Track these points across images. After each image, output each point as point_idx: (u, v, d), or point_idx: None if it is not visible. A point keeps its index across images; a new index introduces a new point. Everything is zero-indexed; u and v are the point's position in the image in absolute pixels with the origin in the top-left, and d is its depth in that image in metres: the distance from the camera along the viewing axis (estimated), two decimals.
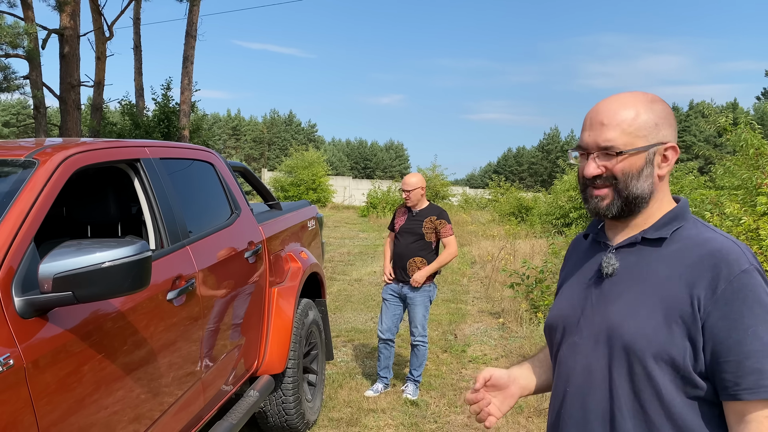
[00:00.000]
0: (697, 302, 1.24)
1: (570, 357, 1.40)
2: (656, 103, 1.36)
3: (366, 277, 10.41)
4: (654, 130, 1.34)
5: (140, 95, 20.33)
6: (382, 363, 4.95)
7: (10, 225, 1.93)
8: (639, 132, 1.33)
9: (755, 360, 1.19)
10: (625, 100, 1.36)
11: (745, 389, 1.20)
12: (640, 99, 1.36)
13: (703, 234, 1.32)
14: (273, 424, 3.88)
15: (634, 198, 1.35)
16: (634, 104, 1.34)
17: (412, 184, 4.74)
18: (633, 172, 1.33)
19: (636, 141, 1.33)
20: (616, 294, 1.36)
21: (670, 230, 1.34)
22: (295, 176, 29.12)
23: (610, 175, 1.35)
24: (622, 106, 1.34)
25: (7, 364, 1.69)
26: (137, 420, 2.31)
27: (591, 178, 1.37)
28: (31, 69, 15.17)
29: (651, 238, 1.35)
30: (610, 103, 1.36)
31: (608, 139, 1.33)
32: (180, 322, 2.63)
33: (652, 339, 1.27)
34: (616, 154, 1.33)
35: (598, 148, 1.35)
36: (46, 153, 2.28)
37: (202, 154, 3.55)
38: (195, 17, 18.14)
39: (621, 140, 1.33)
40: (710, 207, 7.35)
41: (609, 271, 1.37)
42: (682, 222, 1.35)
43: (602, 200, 1.37)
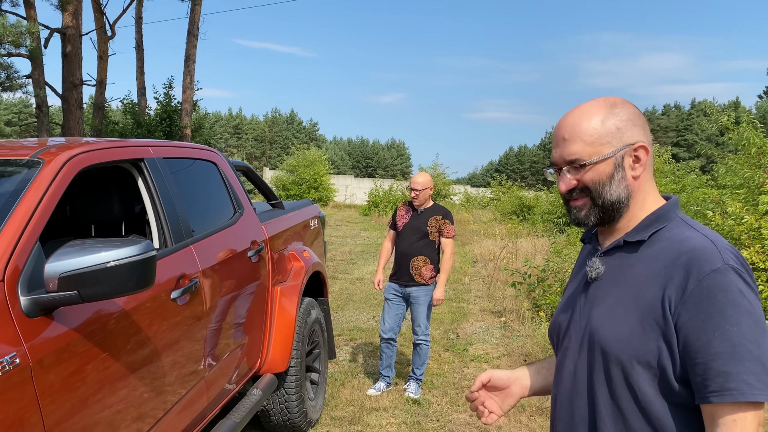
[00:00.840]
0: (668, 303, 1.23)
1: (561, 361, 1.42)
2: (617, 106, 1.36)
3: (368, 276, 10.42)
4: (617, 135, 1.33)
5: (142, 94, 20.35)
6: (384, 362, 4.96)
7: (15, 224, 1.94)
8: (601, 140, 1.33)
9: (721, 362, 1.17)
10: (584, 111, 1.36)
11: (712, 392, 1.18)
12: (600, 105, 1.36)
13: (683, 234, 1.31)
14: (276, 423, 3.89)
15: (610, 204, 1.35)
16: (593, 113, 1.35)
17: (422, 183, 4.76)
18: (603, 180, 1.34)
19: (600, 149, 1.33)
20: (599, 298, 1.37)
21: (649, 232, 1.33)
22: (296, 175, 29.12)
23: (582, 186, 1.36)
24: (581, 118, 1.35)
25: (13, 362, 1.70)
26: (141, 419, 2.32)
27: (567, 192, 1.38)
28: (34, 68, 15.20)
29: (631, 241, 1.35)
30: (571, 117, 1.37)
31: (572, 152, 1.34)
32: (183, 321, 2.64)
33: (627, 343, 1.26)
34: (581, 166, 1.34)
35: (566, 163, 1.36)
36: (51, 153, 2.29)
37: (205, 154, 3.56)
38: (197, 16, 18.15)
39: (585, 152, 1.33)
40: (712, 206, 7.35)
41: (593, 275, 1.39)
42: (665, 222, 1.34)
43: (580, 210, 1.38)
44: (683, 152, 58.16)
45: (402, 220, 4.86)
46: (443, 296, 4.83)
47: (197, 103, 19.08)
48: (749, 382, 1.16)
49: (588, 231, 1.52)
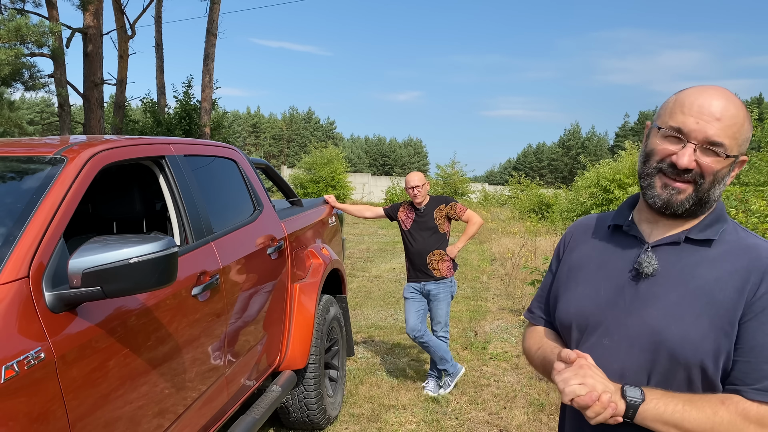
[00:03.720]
0: (741, 307, 1.21)
1: (598, 359, 1.32)
2: (748, 116, 1.30)
3: (385, 273, 10.42)
4: (745, 142, 1.28)
5: (162, 93, 20.52)
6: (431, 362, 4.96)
7: (40, 221, 1.96)
8: (740, 140, 1.26)
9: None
10: (734, 101, 1.26)
11: (757, 390, 1.18)
12: (743, 105, 1.28)
13: (747, 240, 1.29)
14: (295, 419, 3.91)
15: (707, 201, 1.28)
16: (741, 108, 1.27)
17: (420, 179, 4.75)
18: (721, 176, 1.27)
19: (734, 148, 1.25)
20: (655, 296, 1.29)
21: (717, 232, 1.29)
22: (314, 173, 29.19)
23: (698, 173, 1.25)
24: (734, 106, 1.25)
25: (38, 357, 1.72)
26: (162, 415, 2.34)
27: (679, 170, 1.26)
28: (56, 68, 15.39)
29: (697, 238, 1.29)
30: (722, 98, 1.25)
31: (720, 135, 1.23)
32: (204, 317, 2.65)
33: (698, 346, 1.23)
34: (724, 156, 1.24)
35: (704, 141, 1.24)
36: (74, 150, 2.31)
37: (225, 151, 3.58)
38: (216, 15, 18.26)
39: (731, 142, 1.24)
40: (735, 203, 7.25)
41: (649, 270, 1.30)
42: (725, 224, 1.31)
43: (679, 193, 1.27)
44: None
45: (407, 221, 4.84)
46: (455, 253, 4.78)
47: (216, 101, 19.21)
48: None
49: (623, 215, 1.42)
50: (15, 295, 1.76)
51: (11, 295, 1.75)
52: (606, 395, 1.23)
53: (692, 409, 1.20)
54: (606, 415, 1.22)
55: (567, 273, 1.48)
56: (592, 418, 1.24)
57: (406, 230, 4.83)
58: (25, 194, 2.09)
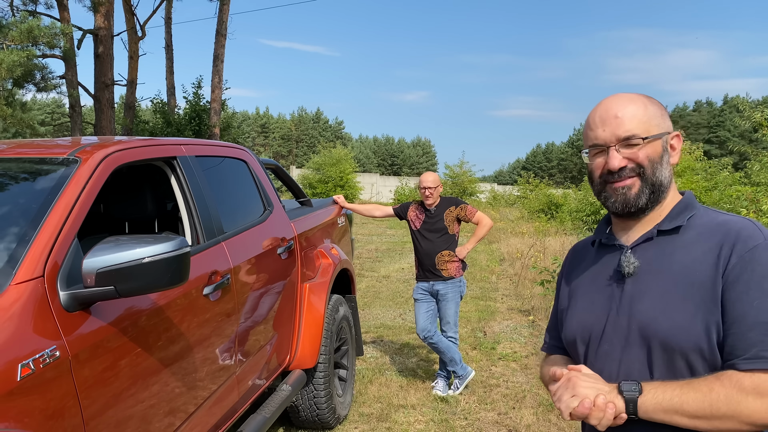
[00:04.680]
0: (721, 283, 1.24)
1: (603, 367, 1.36)
2: (651, 98, 1.41)
3: (394, 273, 10.43)
4: (662, 120, 1.38)
5: (172, 93, 20.62)
6: (440, 362, 4.96)
7: (55, 221, 1.99)
8: (652, 121, 1.36)
9: (757, 332, 1.19)
10: (629, 96, 1.39)
11: (746, 359, 1.19)
12: (638, 96, 1.40)
13: (719, 218, 1.34)
14: (305, 419, 3.93)
15: (659, 185, 1.35)
16: (636, 99, 1.39)
17: (435, 181, 4.76)
18: (656, 158, 1.35)
19: (651, 129, 1.36)
20: (640, 292, 1.33)
21: (685, 218, 1.35)
22: (322, 173, 29.26)
23: (635, 164, 1.35)
24: (628, 101, 1.38)
25: (53, 355, 1.75)
26: (173, 413, 2.36)
27: (616, 171, 1.36)
28: (67, 69, 15.50)
29: (667, 228, 1.35)
30: (616, 100, 1.39)
31: (628, 129, 1.35)
32: (215, 317, 2.68)
33: (689, 330, 1.25)
34: (642, 140, 1.34)
35: (619, 140, 1.35)
36: (87, 151, 2.34)
37: (235, 152, 3.60)
38: (225, 16, 18.34)
39: (640, 128, 1.35)
40: (746, 204, 7.21)
41: (630, 270, 1.35)
42: (693, 210, 1.37)
43: (630, 189, 1.36)
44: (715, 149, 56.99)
45: (417, 222, 4.84)
46: (464, 254, 4.79)
47: (225, 102, 19.29)
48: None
49: (600, 230, 1.50)
50: (30, 295, 1.79)
51: (27, 295, 1.78)
52: (600, 398, 1.25)
53: (690, 391, 1.21)
54: (609, 417, 1.24)
55: (567, 296, 1.55)
56: (597, 424, 1.26)
57: (416, 230, 4.84)
58: (39, 195, 2.12)
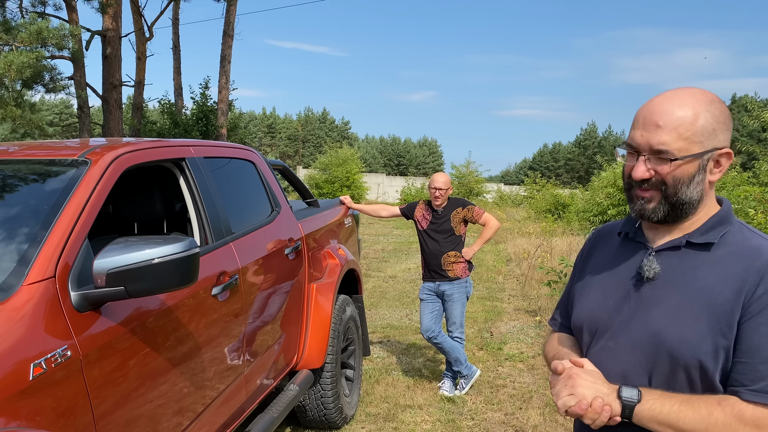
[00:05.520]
0: (740, 310, 1.21)
1: (604, 362, 1.36)
2: (715, 104, 1.28)
3: (400, 273, 10.44)
4: (711, 136, 1.26)
5: (179, 94, 20.69)
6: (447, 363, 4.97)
7: (66, 222, 2.01)
8: (695, 137, 1.25)
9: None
10: (683, 100, 1.27)
11: (752, 390, 1.18)
12: (699, 100, 1.27)
13: (752, 241, 1.28)
14: (312, 418, 3.94)
15: (681, 204, 1.29)
16: (692, 105, 1.26)
17: (445, 183, 4.76)
18: (684, 179, 1.27)
19: (691, 147, 1.26)
20: (656, 299, 1.31)
21: (718, 235, 1.29)
22: (329, 173, 29.28)
23: (659, 180, 1.28)
24: (679, 107, 1.26)
25: (65, 355, 1.77)
26: (182, 413, 2.38)
27: (638, 181, 1.30)
28: (76, 70, 15.58)
29: (697, 242, 1.30)
30: (667, 102, 1.28)
31: (663, 142, 1.26)
32: (224, 317, 2.70)
33: (698, 348, 1.23)
34: (670, 160, 1.26)
35: (651, 151, 1.28)
36: (97, 153, 2.36)
37: (243, 153, 3.62)
38: (232, 17, 18.39)
39: (676, 145, 1.25)
40: (754, 204, 7.18)
41: (650, 275, 1.32)
42: (728, 226, 1.31)
43: (648, 202, 1.31)
44: None
45: (423, 222, 4.85)
46: (471, 255, 4.79)
47: (232, 102, 19.33)
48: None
49: (630, 222, 1.45)
50: (42, 295, 1.81)
51: (39, 295, 1.80)
52: (598, 401, 1.26)
53: (688, 410, 1.21)
54: (603, 419, 1.26)
55: (584, 278, 1.52)
56: (590, 424, 1.28)
57: (422, 230, 4.85)
58: (50, 196, 2.14)
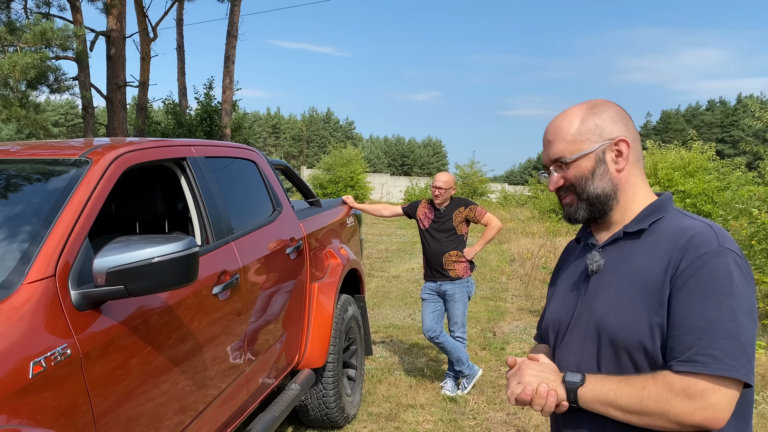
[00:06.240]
0: (669, 287, 1.27)
1: (563, 357, 1.45)
2: (597, 106, 1.43)
3: (404, 273, 10.44)
4: (596, 132, 1.40)
5: (183, 95, 20.72)
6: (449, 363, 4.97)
7: (66, 221, 2.02)
8: (581, 137, 1.41)
9: (694, 336, 1.21)
10: (566, 113, 1.45)
11: (680, 361, 1.22)
12: (580, 108, 1.44)
13: (682, 222, 1.35)
14: (314, 418, 3.95)
15: (595, 198, 1.41)
16: (573, 114, 1.43)
17: (446, 182, 4.75)
18: (585, 175, 1.41)
19: (581, 146, 1.41)
20: (601, 290, 1.40)
21: (649, 221, 1.38)
22: (333, 173, 29.32)
23: (568, 183, 1.44)
24: (562, 120, 1.44)
25: (64, 353, 1.78)
26: (183, 411, 2.39)
27: (556, 191, 1.47)
28: (80, 70, 15.63)
29: (631, 231, 1.39)
30: (555, 120, 1.46)
31: (556, 152, 1.43)
32: (224, 316, 2.70)
33: (633, 329, 1.30)
34: (565, 163, 1.42)
35: (552, 163, 1.45)
36: (98, 152, 2.37)
37: (245, 153, 3.63)
38: (236, 17, 18.40)
39: (566, 149, 1.42)
40: (758, 204, 7.16)
41: (594, 268, 1.42)
42: (663, 213, 1.39)
43: (570, 206, 1.45)
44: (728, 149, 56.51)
45: (425, 221, 4.85)
46: (472, 255, 4.80)
47: (236, 103, 19.35)
48: (718, 357, 1.19)
49: (583, 229, 1.56)
50: (42, 294, 1.82)
51: (39, 294, 1.81)
52: (543, 386, 1.36)
53: (625, 387, 1.27)
54: (550, 404, 1.34)
55: (553, 288, 1.63)
56: (539, 410, 1.36)
57: (424, 229, 4.85)
58: (51, 195, 2.15)
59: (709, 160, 14.70)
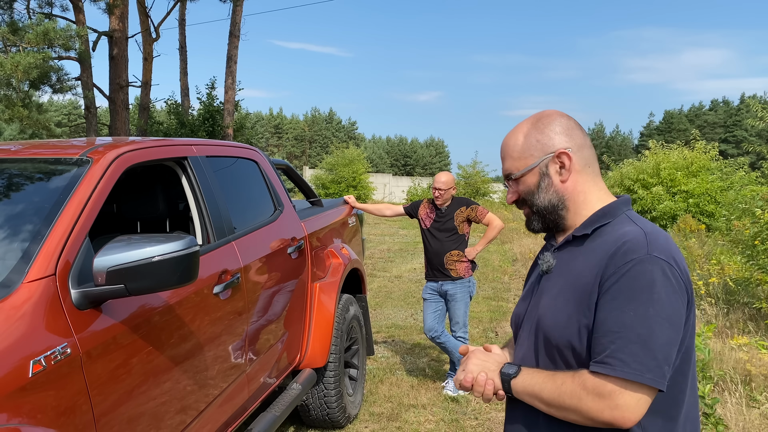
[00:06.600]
0: (597, 290, 1.32)
1: (516, 351, 1.54)
2: (541, 120, 1.49)
3: (406, 273, 10.43)
4: (538, 146, 1.46)
5: (185, 95, 20.74)
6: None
7: (66, 221, 2.01)
8: (525, 153, 1.47)
9: (608, 339, 1.26)
10: (513, 131, 1.52)
11: (594, 362, 1.28)
12: (525, 123, 1.50)
13: (623, 228, 1.38)
14: (315, 417, 3.94)
15: (544, 209, 1.48)
16: (518, 131, 1.50)
17: (446, 183, 4.74)
18: (532, 189, 1.48)
19: (526, 161, 1.47)
20: (547, 289, 1.47)
21: (593, 227, 1.42)
22: (335, 173, 29.28)
23: (521, 198, 1.51)
24: (509, 137, 1.52)
25: (64, 352, 1.77)
26: (184, 411, 2.38)
27: (513, 204, 1.55)
28: (83, 70, 15.65)
29: (578, 235, 1.45)
30: (505, 138, 1.54)
31: (506, 169, 1.51)
32: (225, 315, 2.70)
33: (565, 328, 1.36)
34: (514, 180, 1.50)
35: (507, 179, 1.53)
36: (99, 152, 2.37)
37: (246, 152, 3.63)
38: (238, 17, 18.41)
39: (514, 166, 1.49)
40: (761, 204, 7.13)
41: (544, 268, 1.50)
42: (611, 218, 1.43)
43: (528, 218, 1.53)
44: (732, 149, 56.41)
45: (427, 220, 4.84)
46: (473, 255, 4.79)
47: (239, 103, 19.35)
48: (625, 361, 1.24)
49: (549, 234, 1.62)
50: (42, 293, 1.82)
51: (39, 292, 1.81)
52: (482, 375, 1.47)
53: (549, 381, 1.35)
54: (488, 392, 1.45)
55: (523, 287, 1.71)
56: (480, 397, 1.47)
57: (426, 229, 4.84)
58: (52, 194, 2.15)
59: (712, 160, 14.66)
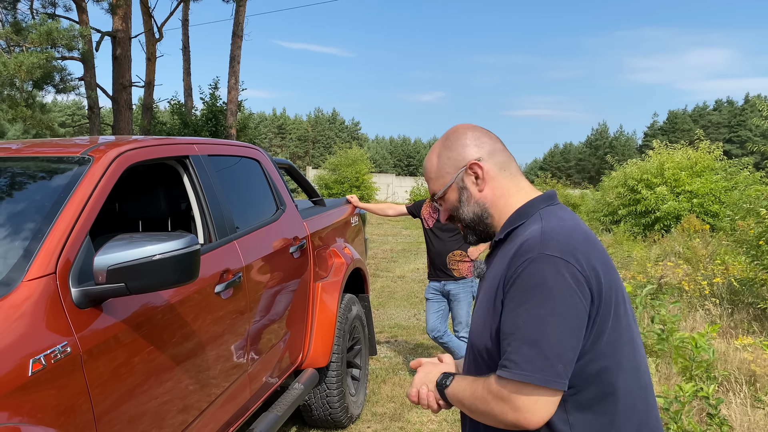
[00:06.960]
0: (501, 293, 1.33)
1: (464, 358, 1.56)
2: (449, 138, 1.51)
3: (409, 274, 10.42)
4: (450, 163, 1.49)
5: (189, 95, 20.75)
6: None
7: (67, 219, 2.01)
8: (441, 172, 1.51)
9: (507, 342, 1.27)
10: (429, 153, 1.55)
11: (499, 366, 1.29)
12: (438, 143, 1.53)
13: (528, 228, 1.38)
14: (317, 417, 3.93)
15: (471, 221, 1.50)
16: (432, 152, 1.54)
17: None
18: (454, 204, 1.51)
19: (444, 180, 1.50)
20: (479, 296, 1.49)
21: (505, 231, 1.44)
22: (338, 174, 29.27)
23: (451, 214, 1.54)
24: (426, 160, 1.56)
25: (64, 351, 1.77)
26: (186, 410, 2.37)
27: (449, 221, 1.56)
28: (86, 71, 15.66)
29: (497, 240, 1.47)
30: (424, 162, 1.57)
31: (430, 189, 1.55)
32: (227, 314, 2.69)
33: (482, 334, 1.38)
34: (438, 198, 1.53)
35: (433, 200, 1.56)
36: (100, 150, 2.36)
37: (248, 151, 3.62)
38: (241, 17, 18.42)
39: (435, 186, 1.53)
40: (766, 203, 7.10)
41: (476, 274, 1.54)
42: (524, 219, 1.43)
43: (463, 233, 1.55)
44: (736, 149, 56.27)
45: (429, 220, 4.82)
46: (476, 255, 4.76)
47: (242, 103, 19.36)
48: (517, 362, 1.24)
49: None
50: (43, 291, 1.81)
51: (39, 291, 1.80)
52: (423, 388, 1.50)
53: (468, 388, 1.38)
54: (432, 404, 1.49)
55: None
56: (425, 408, 1.50)
57: (428, 229, 4.83)
58: (53, 193, 2.14)
59: (716, 160, 14.60)
